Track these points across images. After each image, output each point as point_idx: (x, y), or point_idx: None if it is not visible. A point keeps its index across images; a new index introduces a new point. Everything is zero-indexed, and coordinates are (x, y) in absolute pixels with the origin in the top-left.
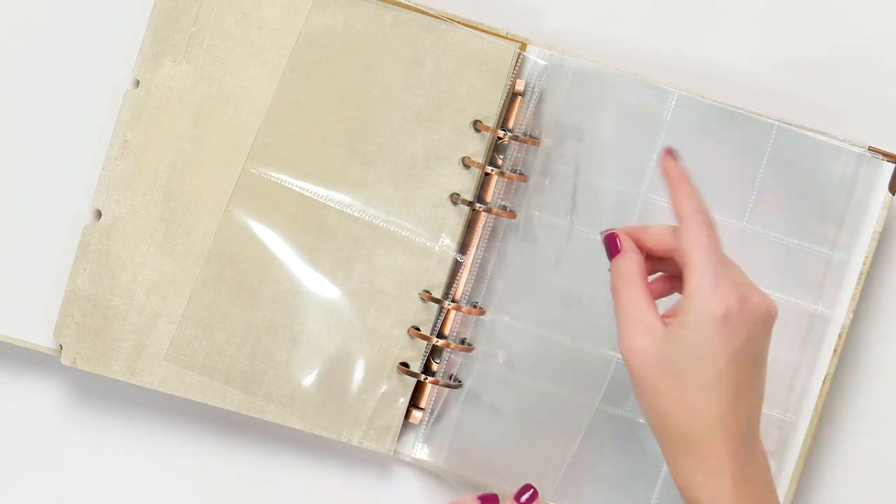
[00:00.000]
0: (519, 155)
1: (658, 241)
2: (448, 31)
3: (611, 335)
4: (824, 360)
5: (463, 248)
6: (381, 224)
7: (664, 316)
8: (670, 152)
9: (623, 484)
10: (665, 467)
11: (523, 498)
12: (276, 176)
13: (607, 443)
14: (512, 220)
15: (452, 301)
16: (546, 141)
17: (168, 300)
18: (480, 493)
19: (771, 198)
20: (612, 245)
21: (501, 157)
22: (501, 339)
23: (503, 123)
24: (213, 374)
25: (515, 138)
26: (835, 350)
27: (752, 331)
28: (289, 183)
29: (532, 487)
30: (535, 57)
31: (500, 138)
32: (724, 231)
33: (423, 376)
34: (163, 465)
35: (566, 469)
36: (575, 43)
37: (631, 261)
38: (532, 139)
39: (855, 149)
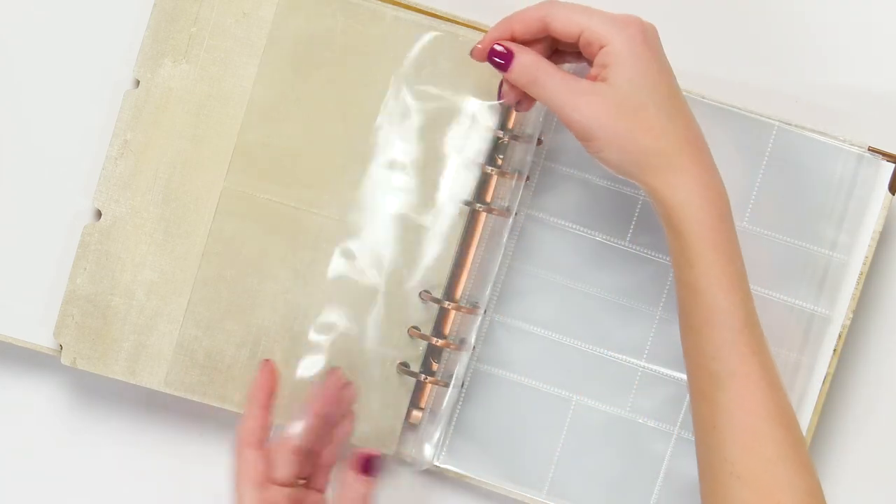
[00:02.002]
0: (519, 155)
1: (526, 27)
2: (448, 31)
3: (611, 335)
4: (824, 360)
5: (463, 248)
6: (380, 224)
7: (589, 79)
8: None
9: (622, 484)
10: (664, 467)
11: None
12: (275, 176)
13: (606, 443)
14: (512, 220)
15: (452, 301)
16: (546, 141)
17: (168, 300)
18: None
19: (771, 198)
20: (499, 54)
21: (501, 157)
22: (501, 339)
23: (503, 123)
24: (213, 374)
25: (515, 138)
26: (835, 350)
27: (660, 46)
28: (288, 183)
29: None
30: None
31: (500, 138)
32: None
33: (423, 376)
34: (162, 465)
35: (565, 469)
36: None
37: (529, 55)
38: (532, 139)
39: (855, 149)
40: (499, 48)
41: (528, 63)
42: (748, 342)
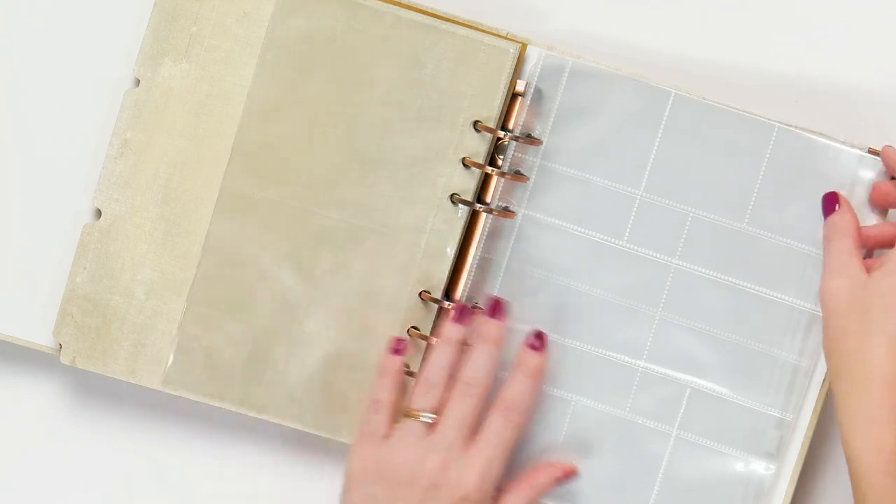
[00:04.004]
0: (519, 155)
1: (881, 232)
2: (448, 31)
3: (610, 335)
4: (824, 361)
5: (463, 248)
6: (380, 224)
7: (870, 264)
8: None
9: (621, 485)
10: (663, 468)
11: (463, 311)
12: (275, 175)
13: (606, 443)
14: (512, 220)
15: (452, 301)
16: (546, 141)
17: (167, 300)
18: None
19: (771, 199)
20: (829, 203)
21: (501, 157)
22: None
23: (503, 123)
24: (213, 373)
25: (515, 138)
26: None
27: None
28: (288, 182)
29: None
30: (535, 57)
31: (500, 138)
32: (724, 232)
33: None
34: (162, 464)
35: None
36: (575, 43)
37: (845, 217)
38: (532, 139)
39: (855, 150)
40: (832, 200)
41: (833, 223)
42: None
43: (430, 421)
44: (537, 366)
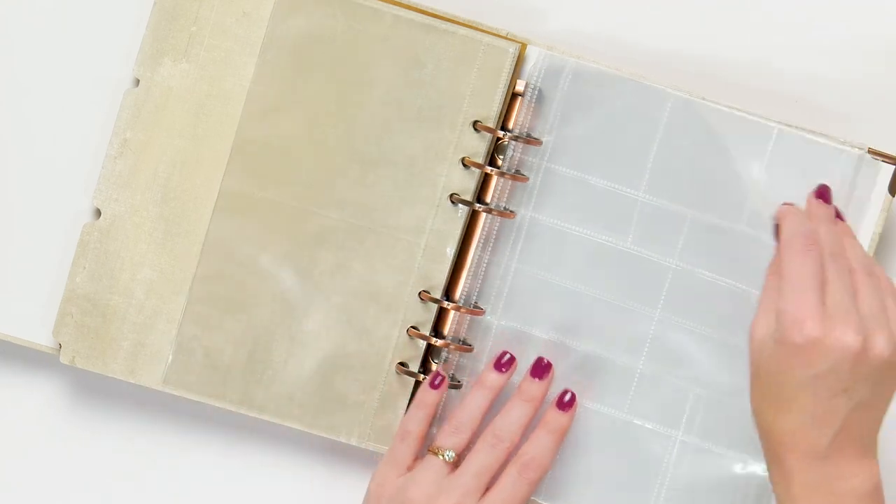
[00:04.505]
0: (519, 155)
1: None
2: (448, 31)
3: (610, 336)
4: None
5: (463, 248)
6: (380, 224)
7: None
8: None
9: (620, 486)
10: (662, 469)
11: (503, 360)
12: (275, 175)
13: (605, 445)
14: (511, 221)
15: (451, 301)
16: (546, 141)
17: (167, 299)
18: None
19: (771, 199)
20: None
21: (501, 157)
22: (500, 339)
23: (503, 123)
24: (212, 373)
25: (515, 138)
26: None
27: (838, 364)
28: (287, 182)
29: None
30: (535, 57)
31: (499, 138)
32: (724, 233)
33: (421, 376)
34: (162, 464)
35: (564, 470)
36: (575, 43)
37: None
38: (532, 139)
39: (855, 151)
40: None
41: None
42: None
43: (450, 460)
44: (562, 426)
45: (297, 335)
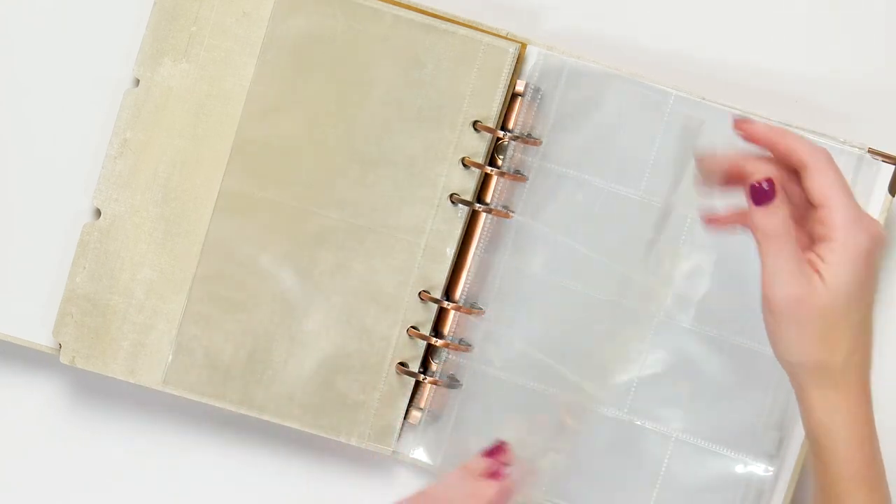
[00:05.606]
0: (518, 155)
1: (785, 162)
2: (448, 31)
3: (610, 336)
4: None
5: (462, 248)
6: (380, 224)
7: (807, 254)
8: (741, 121)
9: (620, 486)
10: (663, 469)
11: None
12: (275, 175)
13: (604, 444)
14: (511, 221)
15: (451, 301)
16: (545, 141)
17: (167, 299)
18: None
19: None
20: (762, 192)
21: (501, 157)
22: (500, 339)
23: (503, 123)
24: (212, 373)
25: (515, 138)
26: None
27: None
28: (287, 182)
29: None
30: (534, 57)
31: (499, 138)
32: (724, 233)
33: (421, 376)
34: (162, 464)
35: (563, 469)
36: (575, 43)
37: (786, 210)
38: (532, 139)
39: (855, 150)
40: (765, 186)
41: (783, 219)
42: None
43: None
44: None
45: (297, 335)
